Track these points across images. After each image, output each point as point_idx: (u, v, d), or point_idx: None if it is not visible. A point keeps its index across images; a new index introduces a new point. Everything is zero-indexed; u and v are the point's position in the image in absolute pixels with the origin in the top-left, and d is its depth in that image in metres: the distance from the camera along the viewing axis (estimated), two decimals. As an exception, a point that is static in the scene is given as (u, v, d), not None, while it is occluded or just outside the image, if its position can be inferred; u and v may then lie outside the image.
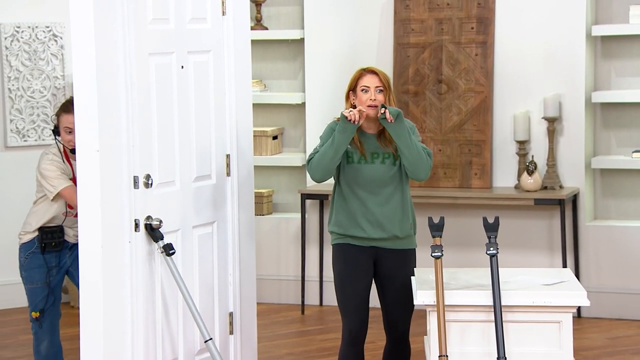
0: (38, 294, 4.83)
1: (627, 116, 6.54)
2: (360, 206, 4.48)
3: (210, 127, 4.81)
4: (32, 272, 4.84)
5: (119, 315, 4.40)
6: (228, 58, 4.87)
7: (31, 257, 4.84)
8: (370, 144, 4.50)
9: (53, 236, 4.82)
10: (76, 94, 4.34)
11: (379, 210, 4.48)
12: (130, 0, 4.38)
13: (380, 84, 4.46)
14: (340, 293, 4.50)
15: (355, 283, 4.48)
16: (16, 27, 6.91)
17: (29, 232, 4.86)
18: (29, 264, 4.84)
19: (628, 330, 6.22)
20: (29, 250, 4.85)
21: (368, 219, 4.47)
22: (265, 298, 6.76)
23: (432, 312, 4.14)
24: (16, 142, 6.94)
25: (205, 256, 4.78)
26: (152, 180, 4.47)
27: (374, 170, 4.48)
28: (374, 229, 4.47)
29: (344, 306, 4.49)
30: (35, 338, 4.90)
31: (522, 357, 4.14)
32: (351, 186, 4.49)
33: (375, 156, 4.49)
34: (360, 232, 4.48)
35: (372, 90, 4.45)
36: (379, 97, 4.45)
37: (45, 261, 4.83)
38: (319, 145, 4.51)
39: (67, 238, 4.89)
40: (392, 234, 4.49)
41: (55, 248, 4.83)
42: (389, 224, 4.48)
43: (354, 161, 4.49)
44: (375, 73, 4.48)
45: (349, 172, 4.49)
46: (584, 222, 6.49)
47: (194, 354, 4.74)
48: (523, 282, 4.27)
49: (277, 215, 7.01)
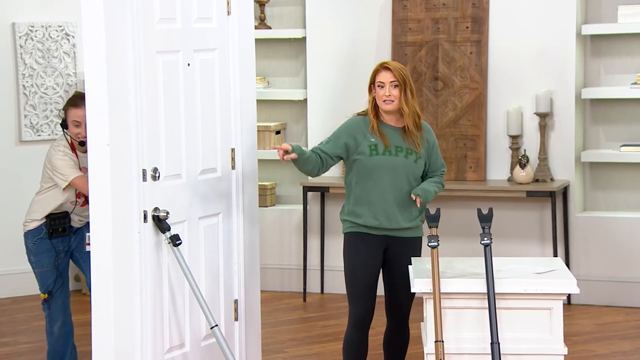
0: (48, 277, 4.86)
1: (615, 112, 6.53)
2: (379, 197, 4.46)
3: (215, 122, 4.80)
4: (42, 256, 4.86)
5: (128, 302, 4.40)
6: (233, 56, 4.86)
7: (39, 242, 4.86)
8: (394, 137, 4.48)
9: (61, 222, 4.84)
10: (87, 91, 4.34)
11: (398, 202, 4.47)
12: (139, 1, 4.37)
13: (395, 79, 4.44)
14: (350, 279, 4.50)
15: (365, 270, 4.48)
16: (30, 26, 6.89)
17: (35, 220, 4.87)
18: (38, 249, 4.86)
19: (616, 316, 6.22)
20: (37, 236, 4.87)
21: (385, 211, 4.46)
22: (268, 286, 6.76)
23: (429, 299, 4.13)
24: (30, 136, 6.93)
25: (210, 246, 4.77)
26: (159, 173, 4.46)
27: (398, 163, 4.46)
28: (389, 221, 4.47)
29: (353, 292, 4.48)
30: (49, 319, 4.92)
31: (514, 342, 4.13)
32: (373, 177, 4.46)
33: (399, 149, 4.47)
34: (375, 223, 4.47)
35: (388, 86, 4.44)
36: (393, 92, 4.44)
37: (53, 246, 4.85)
38: (327, 139, 4.52)
39: (72, 223, 4.91)
40: (406, 226, 4.50)
41: (62, 233, 4.86)
42: (403, 215, 4.49)
43: (379, 153, 4.46)
44: (389, 69, 4.44)
45: (372, 163, 4.46)
46: (574, 213, 6.49)
47: (200, 340, 4.73)
48: (515, 271, 4.27)
49: (280, 207, 7.01)
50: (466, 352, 4.14)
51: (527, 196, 6.37)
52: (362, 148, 4.47)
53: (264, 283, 6.15)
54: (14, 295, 6.79)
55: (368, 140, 4.47)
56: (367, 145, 4.47)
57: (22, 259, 5.24)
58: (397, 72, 4.44)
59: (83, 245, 4.90)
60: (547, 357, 4.14)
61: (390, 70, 4.45)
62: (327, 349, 5.67)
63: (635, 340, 5.77)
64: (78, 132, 4.80)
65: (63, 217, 4.85)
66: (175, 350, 4.60)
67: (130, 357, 4.41)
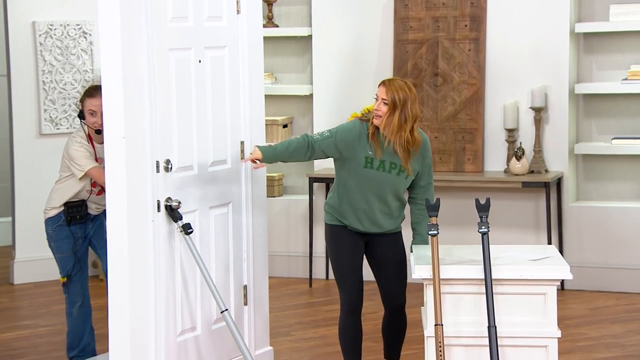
0: (67, 262, 4.88)
1: (606, 106, 6.52)
2: (365, 206, 4.40)
3: (225, 116, 4.79)
4: (61, 242, 4.87)
5: (143, 287, 4.40)
6: (242, 53, 4.85)
7: (59, 229, 4.87)
8: (388, 152, 4.36)
9: (78, 210, 4.86)
10: (104, 86, 4.33)
11: (382, 212, 4.43)
12: (153, 1, 4.36)
13: (386, 97, 4.29)
14: (337, 269, 4.48)
15: (350, 260, 4.46)
16: (49, 25, 6.89)
17: (55, 208, 4.89)
18: (57, 235, 4.88)
19: (607, 301, 6.21)
20: (56, 223, 4.88)
21: (370, 219, 4.43)
22: (276, 272, 6.76)
23: (429, 285, 4.13)
24: (50, 130, 6.93)
25: (221, 234, 4.77)
26: (171, 165, 4.46)
27: (388, 179, 4.37)
28: (372, 226, 4.45)
29: (342, 281, 4.47)
30: (69, 301, 4.93)
31: (510, 325, 4.13)
32: (363, 189, 4.38)
33: (392, 166, 4.37)
34: (358, 226, 4.44)
35: (380, 101, 4.33)
36: (382, 108, 4.31)
37: (71, 232, 4.87)
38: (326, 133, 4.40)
39: (89, 211, 4.92)
40: (389, 228, 4.48)
41: (80, 220, 4.87)
42: (386, 223, 4.46)
43: (373, 167, 4.36)
44: (384, 85, 4.32)
45: (364, 173, 4.37)
46: (568, 203, 6.48)
47: (211, 323, 4.73)
48: (512, 258, 4.26)
49: (286, 197, 7.00)
50: (464, 335, 4.14)
51: (523, 187, 6.35)
52: (358, 157, 4.37)
53: (272, 269, 6.16)
54: (35, 281, 6.80)
55: (365, 151, 4.35)
56: (364, 156, 4.36)
57: (42, 246, 5.25)
58: (391, 93, 4.28)
59: (101, 233, 4.91)
60: (541, 339, 4.13)
61: (385, 87, 4.31)
62: (332, 332, 5.68)
63: (625, 323, 5.76)
64: (94, 121, 4.81)
65: (80, 205, 4.86)
66: (187, 333, 4.60)
67: (145, 339, 4.41)
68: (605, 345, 5.37)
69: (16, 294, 6.66)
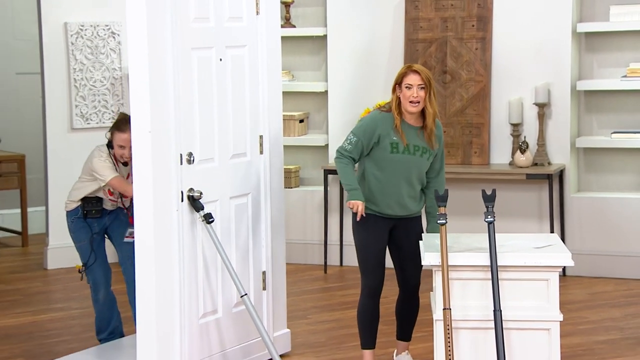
0: (85, 251, 4.91)
1: (606, 102, 6.48)
2: (394, 190, 4.41)
3: (245, 111, 4.78)
4: (79, 232, 4.91)
5: (168, 273, 4.40)
6: (261, 52, 4.83)
7: (76, 221, 4.92)
8: (413, 136, 4.39)
9: (94, 205, 4.90)
10: (131, 83, 4.33)
11: (409, 195, 4.44)
12: (176, 3, 4.36)
13: (422, 82, 4.32)
14: (362, 255, 4.47)
15: (375, 247, 4.45)
16: (80, 26, 6.90)
17: (73, 202, 4.94)
18: (75, 226, 4.93)
19: (606, 286, 6.18)
20: (74, 216, 4.93)
21: (399, 202, 4.43)
22: (293, 259, 6.75)
23: (438, 271, 4.12)
24: (80, 124, 6.95)
25: (241, 223, 4.76)
26: (194, 157, 4.45)
27: (415, 162, 4.39)
28: (400, 209, 4.45)
29: (365, 266, 4.46)
30: (93, 289, 4.97)
31: (515, 310, 4.11)
32: (392, 174, 4.39)
33: (416, 149, 4.39)
34: (388, 211, 4.44)
35: (415, 88, 4.32)
36: (420, 93, 4.33)
37: (88, 225, 4.91)
38: (353, 138, 4.37)
39: (104, 206, 4.95)
40: (415, 210, 4.49)
41: (95, 215, 4.90)
42: (412, 205, 4.47)
43: (399, 151, 4.38)
44: (417, 72, 4.32)
45: (391, 158, 4.38)
46: (569, 193, 6.44)
47: (232, 307, 4.73)
48: (516, 246, 4.24)
49: (303, 188, 6.99)
50: (471, 318, 4.12)
51: (527, 178, 6.33)
52: (384, 144, 4.38)
53: (289, 256, 6.15)
54: (67, 266, 6.82)
55: (390, 137, 4.38)
56: (389, 142, 4.38)
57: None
58: (425, 75, 4.33)
59: (117, 225, 4.93)
60: (544, 323, 4.11)
61: (418, 73, 4.32)
62: (346, 315, 5.67)
63: (623, 307, 5.73)
64: (122, 154, 4.85)
65: (96, 201, 4.90)
66: (209, 316, 4.60)
67: (170, 321, 4.41)
68: (605, 329, 5.35)
69: (50, 278, 6.69)
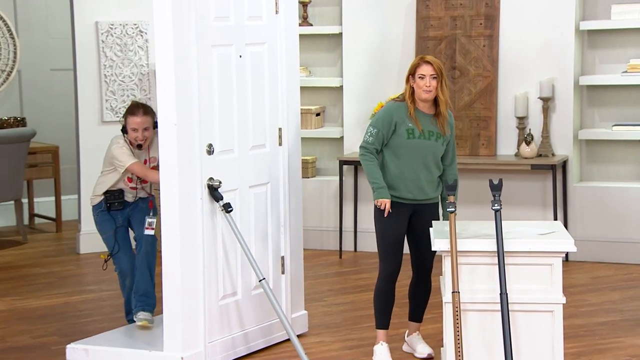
0: (109, 241, 4.91)
1: (608, 96, 6.44)
2: (413, 175, 4.41)
3: (264, 105, 4.77)
4: (103, 225, 4.90)
5: (192, 257, 4.40)
6: (280, 49, 4.82)
7: (101, 214, 4.91)
8: (427, 123, 4.41)
9: (116, 197, 4.88)
10: (158, 79, 4.32)
11: (427, 179, 4.44)
12: (199, 2, 4.35)
13: (434, 72, 4.35)
14: (382, 240, 4.46)
15: (396, 233, 4.45)
16: (110, 25, 6.90)
17: (97, 196, 4.92)
18: (100, 218, 4.91)
19: (607, 271, 6.15)
20: (99, 209, 4.92)
21: (418, 186, 4.43)
22: (309, 245, 6.75)
23: (447, 256, 4.10)
24: (110, 117, 6.96)
25: (260, 210, 4.76)
26: (213, 149, 4.45)
27: (430, 146, 4.41)
28: (419, 193, 4.44)
29: (385, 251, 4.46)
30: (120, 276, 4.98)
31: (520, 293, 4.08)
32: (411, 160, 4.41)
33: (431, 134, 4.41)
34: (408, 195, 4.43)
35: (428, 78, 4.35)
36: (432, 83, 4.35)
37: (112, 217, 4.90)
38: (373, 130, 4.39)
39: (126, 199, 4.94)
40: (432, 196, 4.48)
41: (118, 207, 4.89)
42: (430, 189, 4.46)
43: (415, 137, 4.39)
44: (430, 63, 4.35)
45: (408, 144, 4.40)
46: (572, 183, 6.41)
47: (251, 289, 4.73)
48: (521, 232, 4.21)
49: (319, 178, 6.98)
50: (479, 301, 4.10)
51: (532, 169, 6.29)
52: (400, 131, 4.40)
53: (306, 242, 6.15)
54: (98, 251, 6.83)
55: (406, 124, 4.40)
56: (405, 129, 4.39)
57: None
58: (437, 66, 4.35)
59: (137, 213, 4.91)
60: (548, 305, 4.09)
61: (430, 64, 4.35)
62: (360, 298, 5.66)
63: (623, 291, 5.70)
64: (135, 136, 4.82)
65: (118, 194, 4.89)
66: (229, 298, 4.60)
67: (194, 301, 4.42)
68: (605, 311, 5.32)
69: (82, 262, 6.72)
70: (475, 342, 4.11)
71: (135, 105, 4.83)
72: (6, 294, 5.91)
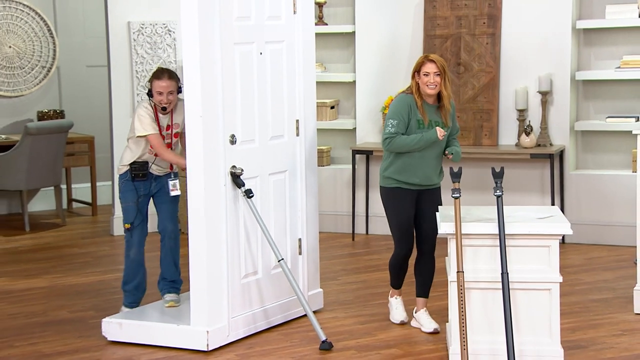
0: (130, 211, 4.77)
1: (602, 90, 6.38)
2: (420, 162, 4.46)
3: (283, 98, 4.75)
4: (126, 194, 4.78)
5: (216, 239, 4.40)
6: (297, 46, 4.79)
7: (125, 183, 4.78)
8: (431, 113, 4.48)
9: (141, 168, 4.75)
10: (185, 75, 4.32)
11: (432, 165, 4.48)
12: (223, 4, 4.33)
13: (437, 69, 4.40)
14: (396, 225, 4.51)
15: (407, 214, 4.50)
16: (141, 24, 6.90)
17: (124, 165, 4.79)
18: (124, 187, 4.79)
19: (601, 252, 6.11)
20: (124, 178, 4.80)
21: (424, 172, 4.46)
22: (324, 228, 6.74)
23: (452, 239, 4.08)
24: (141, 111, 6.95)
25: (279, 196, 4.75)
26: (236, 139, 4.44)
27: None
28: (425, 179, 4.47)
29: (399, 234, 4.51)
30: (127, 246, 4.84)
31: (520, 273, 4.07)
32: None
33: (436, 123, 4.47)
34: (416, 181, 4.47)
35: (432, 75, 4.40)
36: (436, 79, 4.40)
37: (135, 187, 4.76)
38: (394, 121, 4.40)
39: (152, 171, 4.79)
40: (435, 182, 4.52)
41: (142, 178, 4.76)
42: (434, 175, 4.51)
43: (424, 127, 4.45)
44: (433, 61, 4.40)
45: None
46: (569, 171, 6.36)
47: (270, 269, 4.73)
48: (521, 217, 4.19)
49: (333, 166, 6.97)
50: (481, 280, 4.09)
51: (531, 158, 6.25)
52: (412, 123, 4.46)
53: (321, 225, 6.14)
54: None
55: (416, 116, 4.46)
56: (416, 120, 4.45)
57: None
58: (440, 64, 4.40)
59: (162, 193, 4.81)
60: (546, 284, 4.07)
61: (434, 62, 4.40)
62: (371, 277, 5.65)
63: (615, 271, 5.67)
64: (160, 99, 4.68)
65: (143, 165, 4.77)
66: (250, 277, 4.60)
67: (218, 280, 4.42)
68: (599, 289, 5.29)
69: (115, 243, 6.74)
70: (478, 318, 4.10)
71: (160, 70, 4.71)
72: (46, 272, 5.94)
